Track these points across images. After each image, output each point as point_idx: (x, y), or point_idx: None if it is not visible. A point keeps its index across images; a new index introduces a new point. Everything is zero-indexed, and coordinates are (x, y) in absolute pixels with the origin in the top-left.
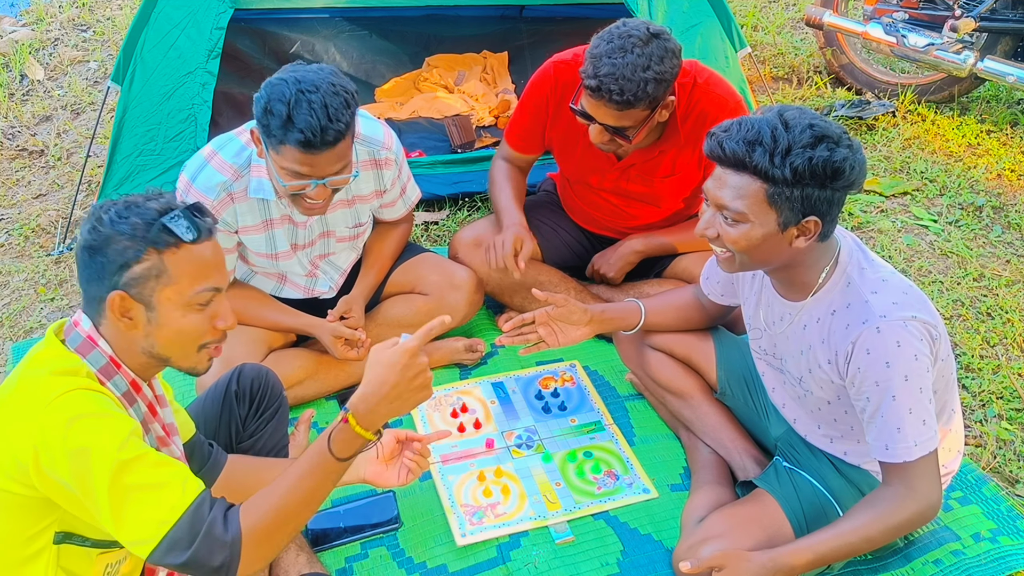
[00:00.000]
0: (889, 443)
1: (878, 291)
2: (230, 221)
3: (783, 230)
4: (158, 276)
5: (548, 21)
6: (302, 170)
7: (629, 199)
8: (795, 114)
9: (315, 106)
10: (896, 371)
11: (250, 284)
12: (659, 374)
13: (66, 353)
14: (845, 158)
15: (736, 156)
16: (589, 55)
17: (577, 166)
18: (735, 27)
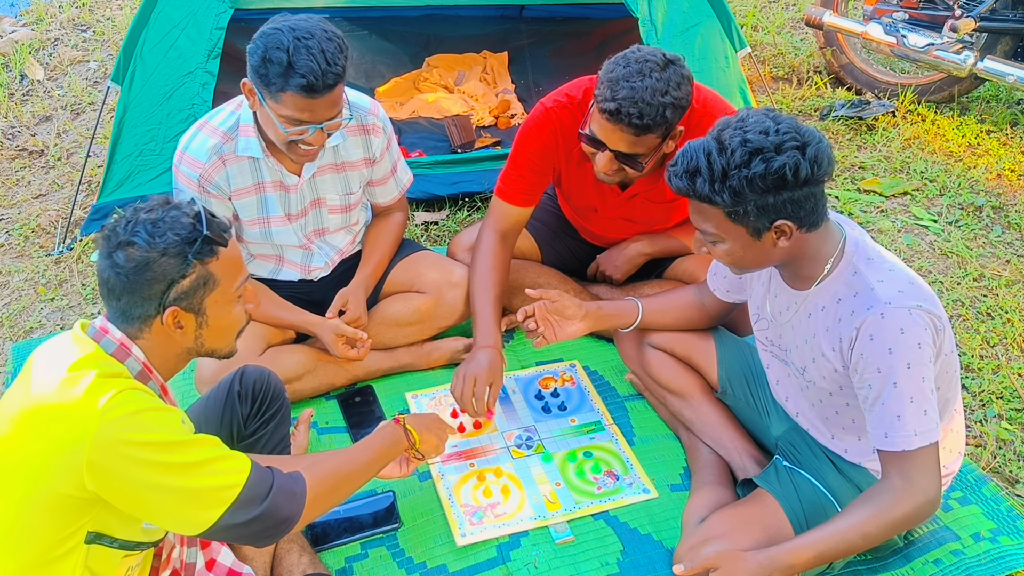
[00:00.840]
0: (889, 431)
1: (884, 279)
2: (223, 185)
3: (758, 238)
4: (206, 284)
5: (548, 21)
6: (302, 116)
7: (634, 221)
8: (730, 132)
9: (313, 51)
10: (899, 358)
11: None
12: (659, 374)
13: (106, 356)
14: (783, 165)
15: (681, 191)
16: (605, 79)
17: (579, 193)
18: (735, 27)
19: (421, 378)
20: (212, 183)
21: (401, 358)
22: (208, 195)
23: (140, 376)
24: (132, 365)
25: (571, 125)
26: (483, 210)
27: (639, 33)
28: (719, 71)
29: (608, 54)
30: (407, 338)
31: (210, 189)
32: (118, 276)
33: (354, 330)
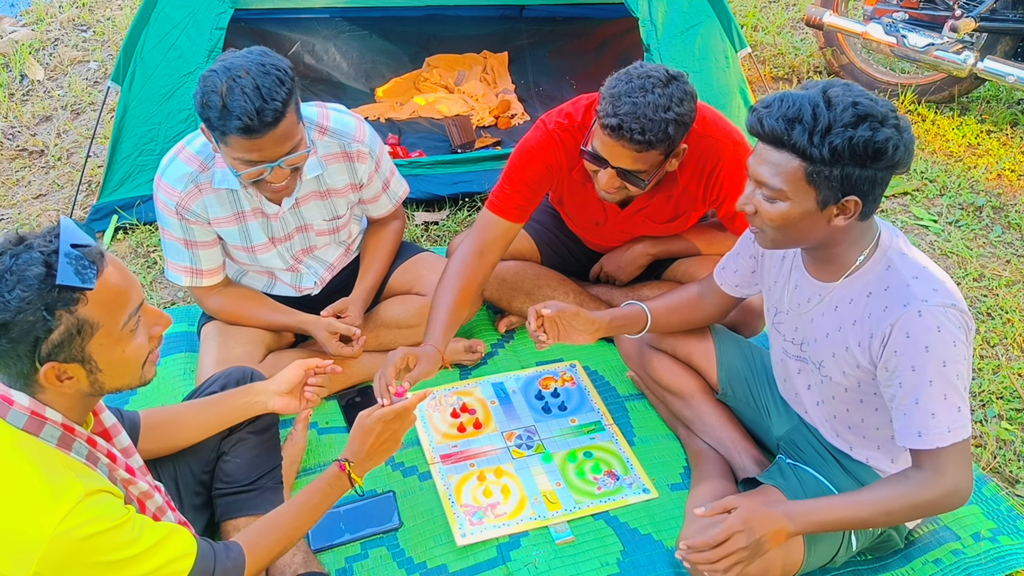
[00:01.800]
0: (922, 430)
1: (919, 276)
2: (200, 213)
3: (822, 208)
4: (81, 332)
5: (548, 21)
6: (252, 156)
7: (632, 233)
8: (839, 91)
9: (247, 90)
10: (935, 356)
11: (242, 284)
12: (660, 374)
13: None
14: (888, 138)
15: (775, 133)
16: (607, 94)
17: (579, 209)
18: (735, 27)
19: None
20: (189, 211)
21: None
22: (187, 222)
23: (62, 442)
24: (50, 433)
25: (572, 147)
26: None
27: (639, 33)
28: (719, 71)
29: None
30: (407, 340)
31: (188, 216)
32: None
33: (347, 326)
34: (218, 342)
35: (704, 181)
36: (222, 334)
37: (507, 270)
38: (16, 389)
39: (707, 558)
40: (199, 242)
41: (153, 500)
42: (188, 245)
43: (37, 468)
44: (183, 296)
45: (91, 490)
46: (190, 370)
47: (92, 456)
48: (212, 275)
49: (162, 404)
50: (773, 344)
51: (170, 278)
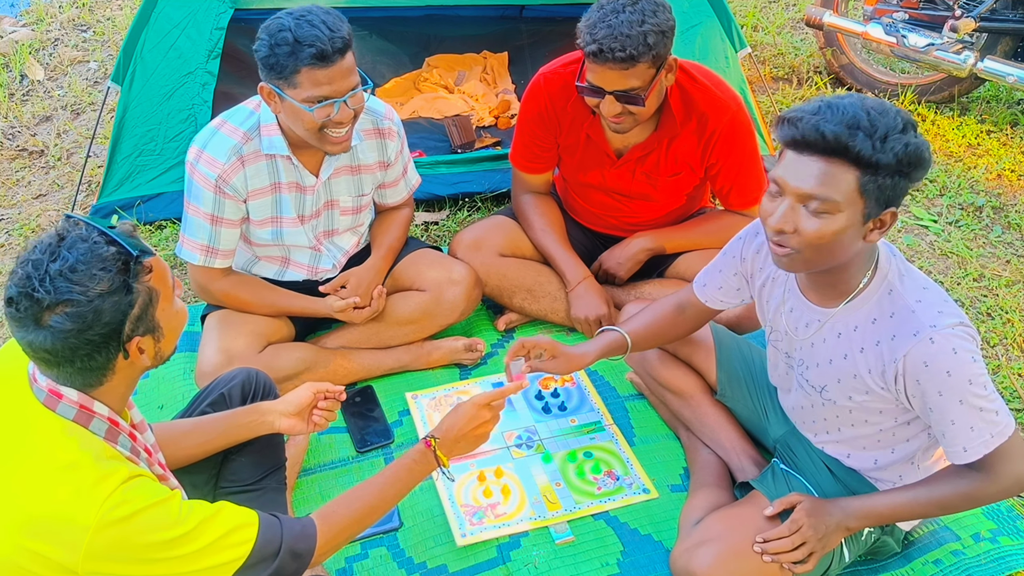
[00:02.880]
0: (966, 445)
1: (922, 300)
2: (239, 187)
3: (864, 221)
4: (152, 301)
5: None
6: (323, 91)
7: (631, 198)
8: (876, 101)
9: (315, 23)
10: (958, 377)
11: (252, 274)
12: (661, 373)
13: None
14: (928, 146)
15: (839, 140)
16: (583, 25)
17: (578, 167)
18: (735, 27)
19: (421, 378)
20: (229, 184)
21: (401, 357)
22: (224, 195)
23: (108, 435)
24: (98, 427)
25: (563, 90)
26: (483, 210)
27: None
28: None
29: None
30: (407, 336)
31: (226, 190)
32: (65, 342)
33: (347, 301)
34: (219, 332)
35: (703, 137)
36: (224, 324)
37: (508, 267)
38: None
39: (783, 546)
40: (225, 219)
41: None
42: (214, 221)
43: (87, 455)
44: (182, 296)
45: (134, 473)
46: (190, 370)
47: (135, 450)
48: (226, 257)
49: (162, 402)
50: (771, 358)
51: (182, 255)
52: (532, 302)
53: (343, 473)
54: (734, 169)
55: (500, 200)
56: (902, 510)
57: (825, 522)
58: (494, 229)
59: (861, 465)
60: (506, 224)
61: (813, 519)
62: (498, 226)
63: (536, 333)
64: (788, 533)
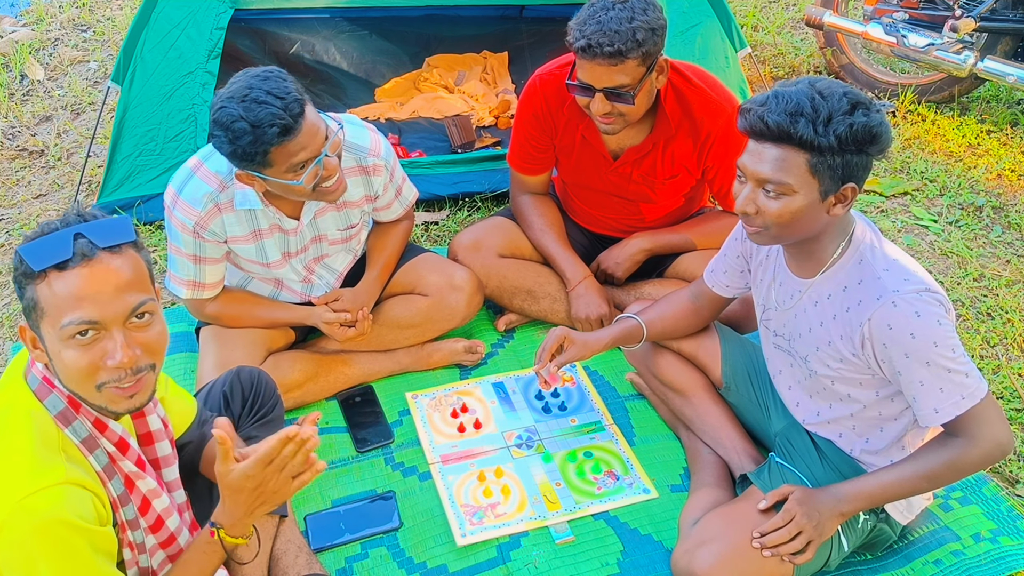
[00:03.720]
0: (937, 406)
1: (890, 268)
2: (218, 232)
3: (823, 199)
4: (35, 308)
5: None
6: (300, 158)
7: (628, 200)
8: (827, 84)
9: (261, 99)
10: (923, 339)
11: (245, 289)
12: (663, 371)
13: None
14: (880, 122)
15: (781, 128)
16: (573, 23)
17: (574, 168)
18: (735, 27)
19: (421, 378)
20: (207, 229)
21: (401, 360)
22: (203, 240)
23: (63, 415)
24: (54, 403)
25: (559, 91)
26: (483, 210)
27: None
28: (719, 71)
29: None
30: (408, 340)
31: (205, 235)
32: None
33: (338, 314)
34: (217, 344)
35: (699, 140)
36: (220, 337)
37: (508, 268)
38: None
39: (780, 537)
40: (208, 259)
41: (162, 500)
42: (197, 261)
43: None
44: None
45: (73, 479)
46: (190, 370)
47: (91, 440)
48: (214, 288)
49: None
50: (763, 340)
51: (170, 289)
52: (532, 303)
53: (343, 473)
54: (731, 171)
55: (500, 200)
56: (892, 488)
57: (818, 509)
58: (493, 230)
59: (852, 447)
60: (505, 225)
61: (806, 507)
62: (497, 227)
63: (536, 333)
64: (783, 524)
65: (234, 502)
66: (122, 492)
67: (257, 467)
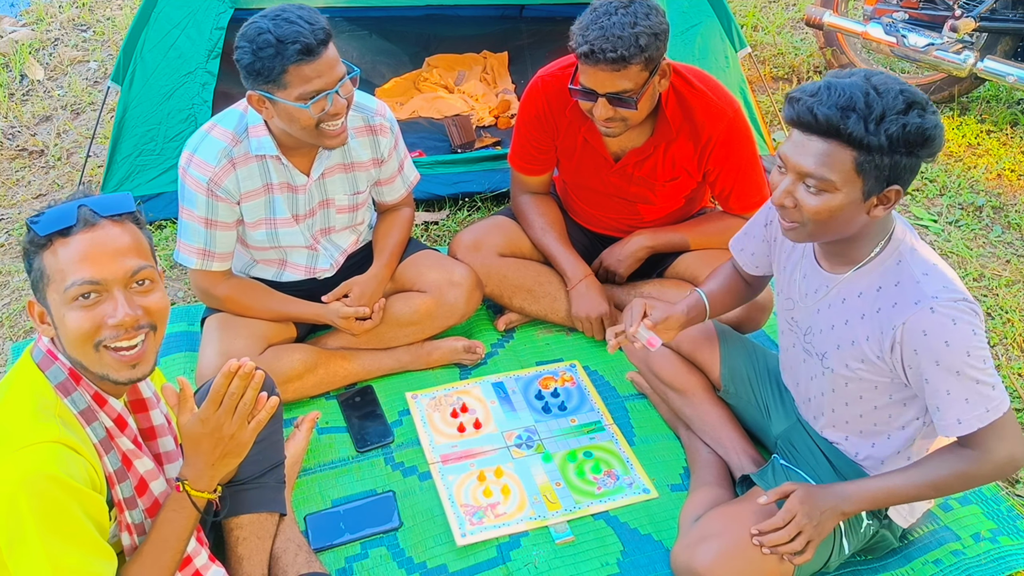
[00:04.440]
0: (960, 417)
1: (929, 273)
2: (232, 189)
3: (865, 199)
4: (42, 277)
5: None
6: (314, 85)
7: (629, 200)
8: (883, 79)
9: (292, 19)
10: (957, 348)
11: (250, 276)
12: (662, 370)
13: (33, 371)
14: (935, 124)
15: (830, 123)
16: (576, 28)
17: (575, 169)
18: (735, 27)
19: (421, 378)
20: (221, 187)
21: (401, 358)
22: (216, 199)
23: (63, 386)
24: (56, 373)
25: (561, 93)
26: (483, 210)
27: None
28: (719, 71)
29: None
30: (408, 338)
31: (219, 193)
32: None
33: (355, 308)
34: (219, 334)
35: (700, 143)
36: (224, 327)
37: (508, 267)
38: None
39: (780, 538)
40: (220, 222)
41: (158, 483)
42: (208, 224)
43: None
44: (183, 296)
45: (65, 441)
46: (190, 370)
47: (89, 412)
48: (223, 260)
49: None
50: (781, 330)
51: (179, 260)
52: (532, 302)
53: (343, 473)
54: (732, 174)
55: (500, 200)
56: (897, 492)
57: (820, 507)
58: (493, 229)
59: (857, 451)
60: (505, 224)
61: (807, 506)
62: (497, 226)
63: (536, 332)
64: (783, 523)
65: (195, 452)
66: (119, 468)
67: (209, 408)
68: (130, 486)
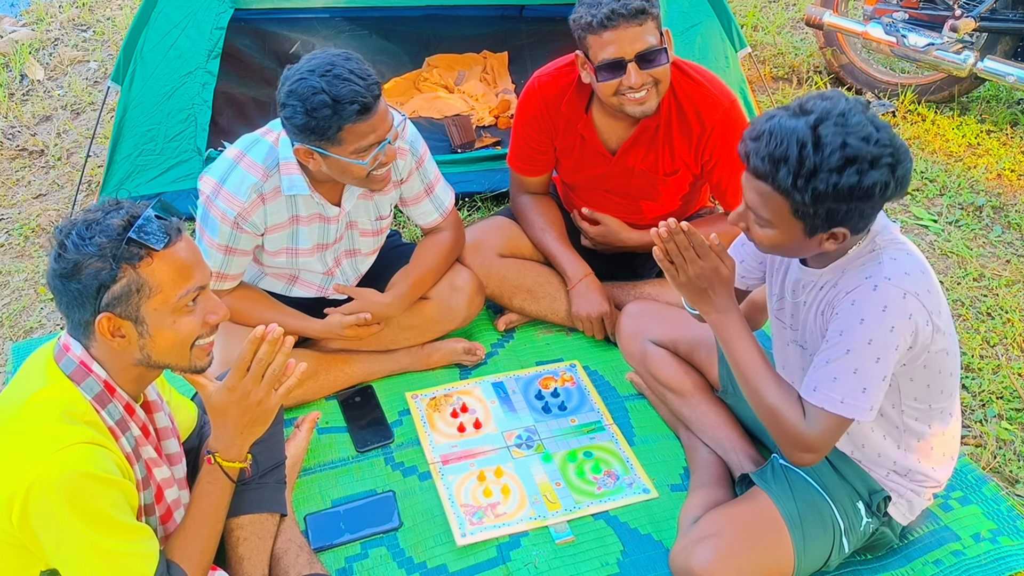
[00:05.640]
0: (819, 386)
1: (897, 259)
2: (258, 223)
3: (810, 236)
4: (139, 290)
5: (548, 21)
6: (369, 140)
7: (629, 197)
8: (830, 129)
9: (346, 77)
10: (865, 331)
11: (257, 286)
12: (660, 371)
13: (65, 383)
14: (875, 182)
15: (759, 172)
16: (579, 13)
17: (575, 168)
18: (735, 27)
19: (421, 378)
20: (249, 221)
21: (401, 360)
22: (242, 231)
23: (99, 398)
24: (91, 386)
25: (558, 92)
26: (483, 210)
27: None
28: (719, 71)
29: None
30: (409, 340)
31: (245, 227)
32: (53, 278)
33: (356, 316)
34: (222, 342)
35: (697, 134)
36: (225, 334)
37: (508, 268)
38: (76, 339)
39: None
40: (239, 250)
41: (172, 491)
42: (227, 252)
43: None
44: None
45: (96, 440)
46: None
47: (123, 423)
48: (234, 280)
49: None
50: (774, 331)
51: None
52: (532, 302)
53: (343, 473)
54: (728, 166)
55: (500, 200)
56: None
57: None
58: (493, 230)
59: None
60: (505, 225)
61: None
62: (497, 227)
63: (536, 332)
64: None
65: (223, 423)
66: (144, 476)
67: (236, 376)
68: (151, 493)
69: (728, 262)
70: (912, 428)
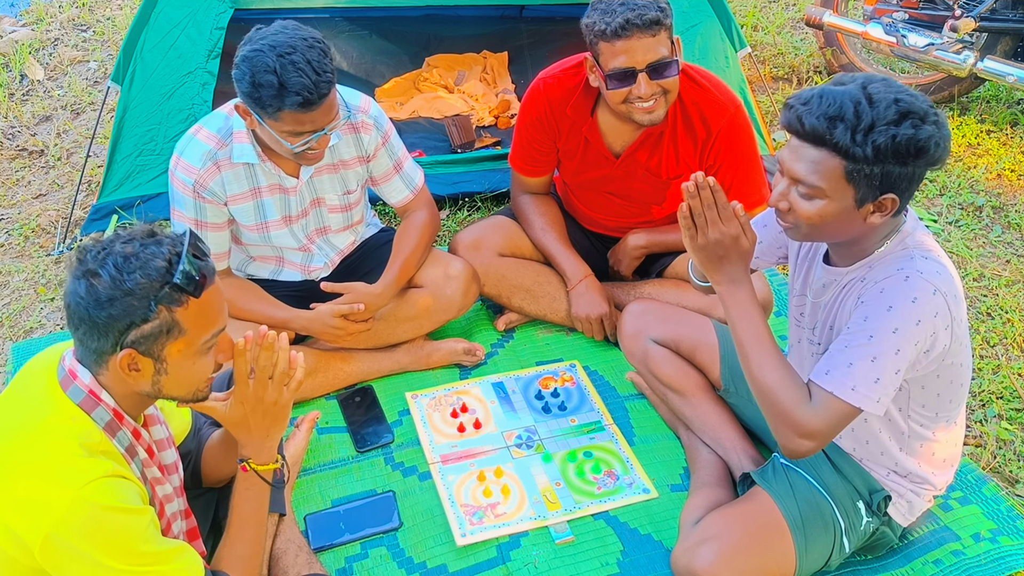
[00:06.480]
0: (832, 370)
1: (928, 257)
2: (218, 191)
3: (859, 206)
4: (169, 332)
5: (548, 21)
6: (303, 128)
7: (632, 200)
8: (880, 87)
9: (300, 66)
10: (892, 319)
11: (247, 274)
12: (661, 370)
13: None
14: (930, 136)
15: (816, 132)
16: (592, 18)
17: (577, 170)
18: (735, 27)
19: (421, 378)
20: (207, 189)
21: (401, 359)
22: (203, 200)
23: (110, 426)
24: (101, 415)
25: (563, 95)
26: (483, 210)
27: None
28: (719, 71)
29: None
30: (406, 334)
31: (205, 195)
32: (78, 305)
33: (348, 306)
34: None
35: (702, 138)
36: None
37: (508, 267)
38: (83, 364)
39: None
40: (209, 223)
41: (173, 505)
42: (198, 226)
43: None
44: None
45: (117, 472)
46: None
47: (132, 448)
48: (217, 260)
49: None
50: (790, 326)
51: None
52: (531, 302)
53: (343, 473)
54: (733, 170)
55: (500, 200)
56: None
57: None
58: (493, 229)
59: (854, 448)
60: (505, 224)
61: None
62: (497, 226)
63: (536, 332)
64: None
65: (246, 433)
66: (150, 496)
67: (241, 388)
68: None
69: (750, 234)
70: (917, 433)
